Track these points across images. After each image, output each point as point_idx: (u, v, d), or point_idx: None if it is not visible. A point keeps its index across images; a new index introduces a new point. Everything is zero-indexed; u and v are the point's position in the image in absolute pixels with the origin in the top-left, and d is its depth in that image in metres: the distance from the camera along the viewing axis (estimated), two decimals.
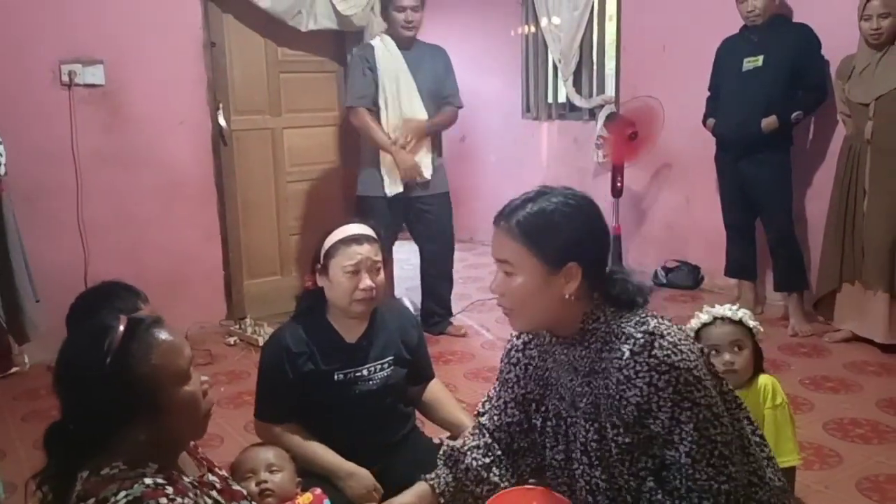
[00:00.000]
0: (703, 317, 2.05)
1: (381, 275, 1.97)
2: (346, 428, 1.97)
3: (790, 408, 2.06)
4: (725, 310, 2.04)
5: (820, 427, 2.76)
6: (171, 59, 3.96)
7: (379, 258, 1.95)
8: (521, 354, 1.63)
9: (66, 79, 3.68)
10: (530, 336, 1.62)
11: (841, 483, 2.39)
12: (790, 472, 1.97)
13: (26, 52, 3.61)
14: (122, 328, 1.20)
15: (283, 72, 4.36)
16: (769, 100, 3.68)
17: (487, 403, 1.71)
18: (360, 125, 3.89)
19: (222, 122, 4.13)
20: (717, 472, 1.37)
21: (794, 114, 3.66)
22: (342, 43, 4.43)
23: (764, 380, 2.03)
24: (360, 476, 1.91)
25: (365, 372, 2.00)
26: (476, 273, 5.21)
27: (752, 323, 2.02)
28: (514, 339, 1.65)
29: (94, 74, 3.76)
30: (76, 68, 3.70)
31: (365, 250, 1.92)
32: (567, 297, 1.42)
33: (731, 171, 3.93)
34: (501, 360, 1.67)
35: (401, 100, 3.82)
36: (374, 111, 3.85)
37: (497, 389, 1.68)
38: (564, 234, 1.41)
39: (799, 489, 2.18)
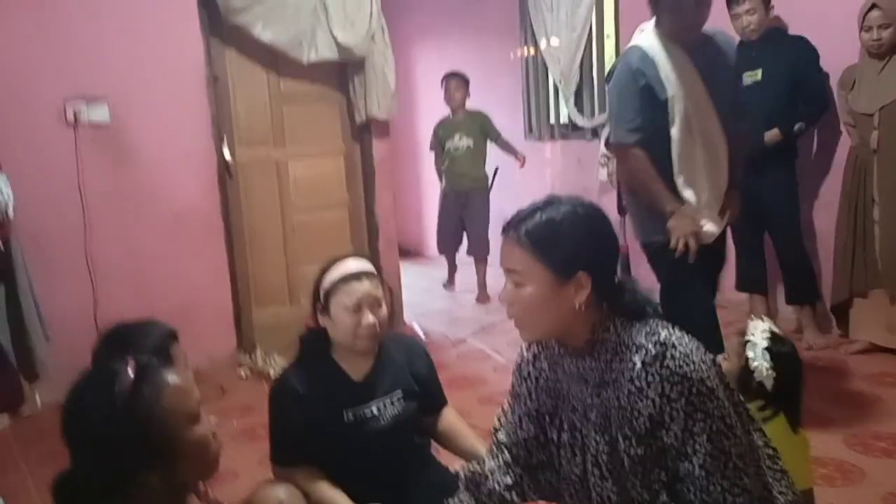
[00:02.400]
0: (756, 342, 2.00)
1: (384, 309, 1.95)
2: (360, 465, 1.94)
3: (802, 431, 2.01)
4: (757, 325, 2.00)
5: (840, 442, 2.72)
6: (175, 95, 3.99)
7: (379, 292, 1.93)
8: (531, 367, 1.61)
9: (71, 118, 3.71)
10: (540, 348, 1.60)
11: (865, 499, 2.35)
12: (808, 494, 1.93)
13: (32, 91, 3.64)
14: (130, 372, 1.19)
15: (286, 103, 4.38)
16: (771, 113, 3.67)
17: (503, 418, 1.69)
18: (634, 169, 2.68)
19: (227, 155, 4.16)
20: (731, 485, 1.35)
21: (797, 125, 3.66)
22: (344, 73, 4.46)
23: None
24: None
25: (375, 409, 1.97)
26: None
27: (749, 353, 1.94)
28: (525, 352, 1.63)
29: (99, 112, 3.79)
30: (81, 107, 3.73)
31: (365, 287, 1.90)
32: (577, 306, 1.41)
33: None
34: (513, 375, 1.66)
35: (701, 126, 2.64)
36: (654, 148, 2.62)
37: (510, 404, 1.66)
38: (573, 243, 1.41)
39: None
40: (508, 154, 5.39)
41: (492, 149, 5.45)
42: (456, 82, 5.28)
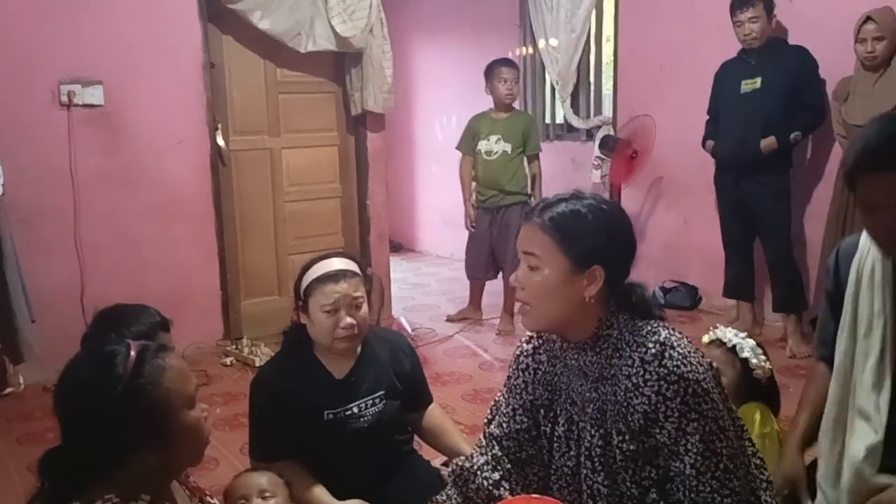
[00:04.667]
0: (704, 338, 2.06)
1: (364, 309, 1.91)
2: (340, 463, 1.93)
3: (780, 436, 2.03)
4: (725, 333, 2.04)
5: None
6: (171, 80, 3.97)
7: (359, 293, 1.90)
8: (530, 360, 1.61)
9: (65, 99, 3.69)
10: (540, 341, 1.60)
11: None
12: None
13: (26, 73, 3.61)
14: (133, 353, 1.20)
15: (282, 92, 4.37)
16: (768, 121, 3.69)
17: (495, 410, 1.69)
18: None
19: (221, 142, 4.14)
20: (720, 486, 1.37)
21: (793, 134, 3.68)
22: (341, 64, 4.45)
23: (746, 410, 1.95)
24: None
25: (355, 409, 1.94)
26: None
27: (745, 354, 1.99)
28: (524, 344, 1.64)
29: (94, 95, 3.76)
30: (75, 89, 3.70)
31: (342, 288, 1.86)
32: (586, 299, 1.42)
33: (730, 191, 3.94)
34: (510, 367, 1.65)
35: None
36: None
37: (505, 396, 1.66)
38: (595, 237, 1.42)
39: None
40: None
41: None
42: (515, 73, 4.31)
